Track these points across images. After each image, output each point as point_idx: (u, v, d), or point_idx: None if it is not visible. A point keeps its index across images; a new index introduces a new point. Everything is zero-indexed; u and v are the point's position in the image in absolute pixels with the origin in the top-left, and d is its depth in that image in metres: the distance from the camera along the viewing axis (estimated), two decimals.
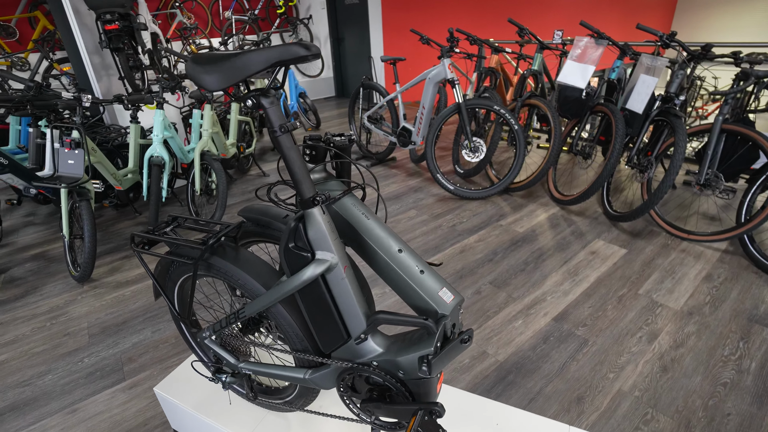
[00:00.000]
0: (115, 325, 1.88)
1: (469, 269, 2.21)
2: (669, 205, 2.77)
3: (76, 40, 2.77)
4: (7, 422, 1.46)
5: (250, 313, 0.90)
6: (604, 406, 1.43)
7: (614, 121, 2.48)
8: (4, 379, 1.63)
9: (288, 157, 0.74)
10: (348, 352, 0.88)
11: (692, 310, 1.86)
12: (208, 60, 0.67)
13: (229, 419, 1.18)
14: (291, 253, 0.81)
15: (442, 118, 2.98)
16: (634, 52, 2.61)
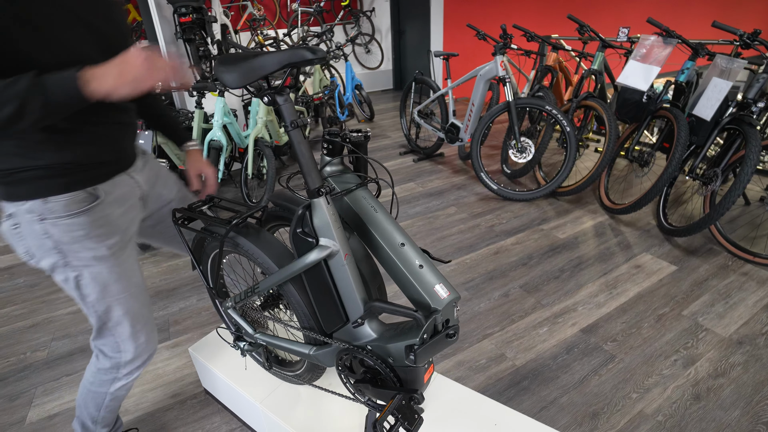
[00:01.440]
0: (167, 291, 2.10)
1: (501, 271, 2.18)
2: (736, 223, 2.52)
3: (156, 30, 3.06)
4: (75, 361, 1.71)
5: (264, 288, 0.99)
6: (621, 426, 1.38)
7: (676, 128, 2.30)
8: (77, 325, 1.90)
9: (297, 150, 0.80)
10: (346, 334, 0.95)
11: (743, 340, 1.70)
12: (230, 61, 0.75)
13: (247, 384, 1.30)
14: (298, 237, 0.88)
15: (490, 117, 2.93)
16: (709, 53, 2.39)
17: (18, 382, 1.61)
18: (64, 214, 0.85)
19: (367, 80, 6.46)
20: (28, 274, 2.28)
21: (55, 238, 0.86)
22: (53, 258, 0.88)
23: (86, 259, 0.90)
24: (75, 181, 0.85)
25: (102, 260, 0.91)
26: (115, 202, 0.93)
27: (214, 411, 1.47)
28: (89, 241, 0.89)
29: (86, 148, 0.86)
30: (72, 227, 0.86)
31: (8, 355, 1.74)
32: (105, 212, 0.90)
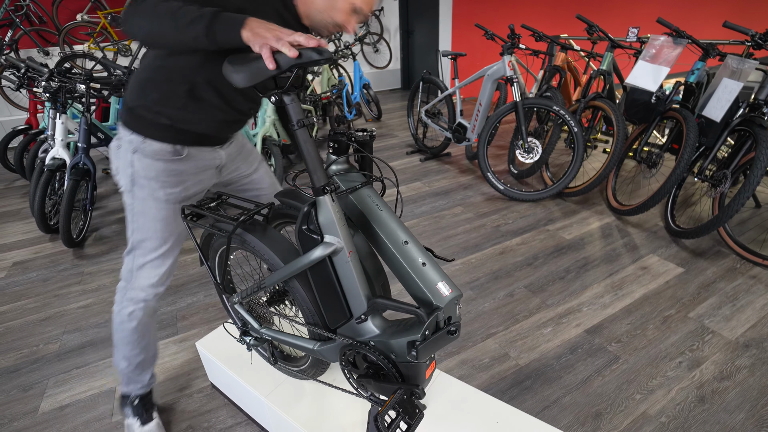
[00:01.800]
0: (175, 286, 2.14)
1: (506, 271, 2.19)
2: (746, 225, 2.50)
3: None
4: (85, 354, 1.75)
5: (269, 284, 1.01)
6: (623, 427, 1.38)
7: (685, 129, 2.28)
8: (88, 319, 1.94)
9: (303, 148, 0.82)
10: (350, 330, 0.96)
11: (750, 343, 1.69)
12: (238, 61, 0.76)
13: (253, 379, 1.32)
14: (303, 234, 0.90)
15: (497, 116, 2.93)
16: (720, 53, 2.37)
17: (31, 373, 1.65)
18: (150, 155, 1.03)
19: (375, 79, 6.48)
20: (40, 268, 2.33)
21: (134, 169, 1.05)
22: (127, 182, 1.07)
23: (145, 195, 1.07)
24: (171, 137, 1.03)
25: (157, 201, 1.08)
26: (192, 164, 1.10)
27: (220, 405, 1.50)
28: (155, 183, 1.06)
29: (200, 122, 1.04)
30: (150, 167, 1.04)
31: (21, 347, 1.78)
32: (180, 168, 1.08)
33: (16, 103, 4.47)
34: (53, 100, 2.37)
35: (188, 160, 1.08)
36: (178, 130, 1.04)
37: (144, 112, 1.02)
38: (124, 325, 1.22)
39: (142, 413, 1.35)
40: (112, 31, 4.89)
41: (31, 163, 3.01)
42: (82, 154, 2.35)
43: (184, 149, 1.06)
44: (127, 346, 1.25)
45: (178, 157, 1.06)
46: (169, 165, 1.06)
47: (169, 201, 1.09)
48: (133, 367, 1.29)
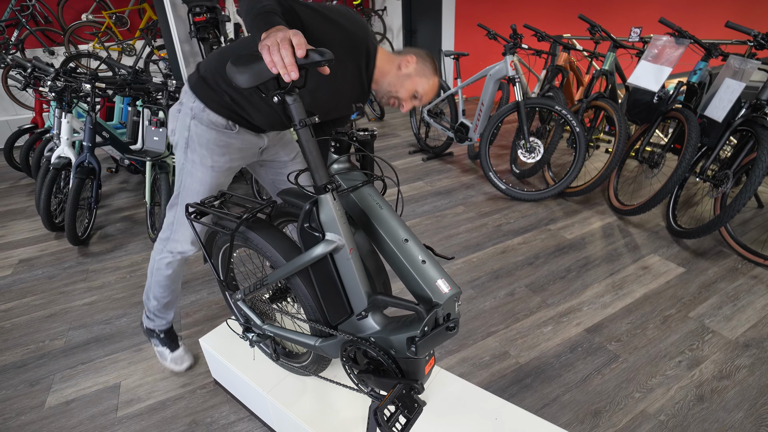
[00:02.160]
0: None
1: (507, 270, 2.20)
2: (748, 226, 2.50)
3: (171, 29, 3.13)
4: (91, 350, 1.77)
5: (272, 281, 1.03)
6: (622, 425, 1.39)
7: (687, 129, 2.28)
8: (93, 316, 1.96)
9: (305, 148, 0.84)
10: (351, 326, 0.98)
11: (750, 343, 1.70)
12: (242, 62, 0.78)
13: (256, 375, 1.34)
14: (305, 232, 0.92)
15: (499, 116, 2.94)
16: (722, 53, 2.37)
17: (37, 368, 1.68)
18: (206, 124, 1.15)
19: None
20: (46, 265, 2.36)
21: (190, 133, 1.17)
22: (183, 143, 1.20)
23: (196, 159, 1.20)
24: (228, 114, 1.15)
25: (204, 166, 1.21)
26: (240, 140, 1.22)
27: (223, 401, 1.52)
28: (205, 150, 1.19)
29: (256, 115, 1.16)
30: (203, 134, 1.16)
31: (28, 343, 1.81)
32: (228, 141, 1.20)
33: (22, 102, 4.52)
34: (59, 99, 2.39)
35: (237, 136, 1.20)
36: (235, 112, 1.15)
37: (214, 85, 1.13)
38: (161, 272, 1.38)
39: (169, 343, 1.59)
40: (117, 30, 4.92)
41: (36, 161, 3.04)
42: (87, 153, 2.38)
43: (236, 126, 1.18)
44: (160, 289, 1.43)
45: (230, 131, 1.18)
46: (220, 136, 1.18)
47: (215, 168, 1.22)
48: (161, 306, 1.49)
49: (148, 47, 4.82)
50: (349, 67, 1.10)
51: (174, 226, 1.32)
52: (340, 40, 1.03)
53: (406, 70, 1.15)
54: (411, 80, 1.16)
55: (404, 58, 1.15)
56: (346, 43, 1.06)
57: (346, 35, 1.05)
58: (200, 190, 1.25)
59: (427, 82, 1.17)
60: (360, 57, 1.11)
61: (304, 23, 0.98)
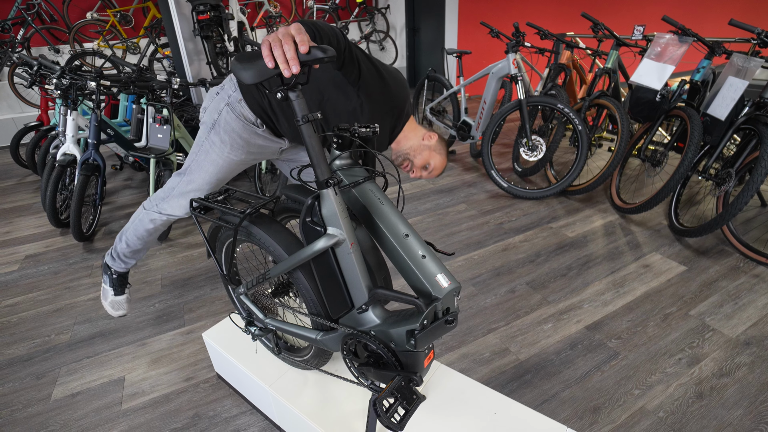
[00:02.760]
0: (182, 280, 2.18)
1: (508, 268, 2.20)
2: (750, 224, 2.49)
3: (175, 27, 3.15)
4: (96, 344, 1.79)
5: (274, 275, 1.04)
6: (621, 421, 1.40)
7: (690, 127, 2.28)
8: (97, 311, 1.99)
9: (308, 143, 0.85)
10: (351, 319, 0.99)
11: (750, 341, 1.70)
12: (246, 59, 0.79)
13: (258, 369, 1.36)
14: (307, 226, 0.93)
15: (502, 115, 2.94)
16: (726, 51, 2.36)
17: (43, 362, 1.70)
18: (237, 114, 1.21)
19: None
20: (52, 261, 2.39)
21: (221, 117, 1.23)
22: (209, 123, 1.25)
23: (216, 141, 1.25)
24: (260, 113, 1.21)
25: (222, 150, 1.26)
26: (261, 140, 1.27)
27: (225, 394, 1.54)
28: (227, 136, 1.24)
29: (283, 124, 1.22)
30: (231, 123, 1.22)
31: (34, 337, 1.83)
32: (250, 136, 1.25)
33: (28, 100, 4.55)
34: (64, 97, 2.42)
35: (261, 134, 1.25)
36: (266, 114, 1.21)
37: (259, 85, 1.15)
38: (143, 224, 1.46)
39: (117, 286, 1.66)
40: (121, 29, 4.95)
41: (42, 158, 3.07)
42: (92, 150, 2.40)
43: (263, 126, 1.24)
44: (134, 237, 1.50)
45: (256, 128, 1.23)
46: (245, 129, 1.23)
47: (231, 156, 1.27)
48: (129, 251, 1.56)
49: (152, 45, 4.85)
50: (384, 123, 1.22)
51: (173, 191, 1.37)
52: (385, 99, 1.16)
53: (428, 143, 1.29)
54: (429, 152, 1.29)
55: (428, 133, 1.31)
56: (389, 104, 1.18)
57: (390, 96, 1.17)
58: (210, 170, 1.29)
59: (441, 158, 1.31)
60: (395, 118, 1.24)
61: (362, 72, 1.07)
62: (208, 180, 1.31)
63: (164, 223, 1.45)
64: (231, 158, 1.27)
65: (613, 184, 2.79)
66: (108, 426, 1.43)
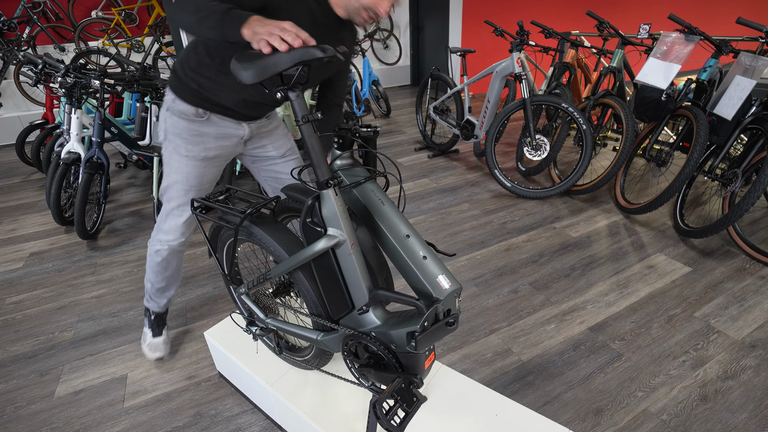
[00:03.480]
0: (185, 278, 2.19)
1: (511, 268, 2.19)
2: (757, 225, 2.46)
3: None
4: (98, 342, 1.80)
5: (275, 275, 1.04)
6: (624, 423, 1.38)
7: (696, 127, 2.26)
8: (100, 309, 2.00)
9: (308, 143, 0.84)
10: (352, 320, 0.99)
11: (756, 343, 1.68)
12: (246, 58, 0.79)
13: (259, 369, 1.36)
14: (308, 227, 0.93)
15: (505, 114, 2.93)
16: (733, 50, 2.33)
17: (47, 359, 1.71)
18: (177, 114, 1.20)
19: (384, 76, 6.48)
20: (56, 259, 2.40)
21: (167, 125, 1.23)
22: (162, 137, 1.26)
23: (171, 149, 1.25)
24: (195, 101, 1.18)
25: (179, 155, 1.25)
26: (214, 129, 1.24)
27: (227, 393, 1.54)
28: (178, 139, 1.23)
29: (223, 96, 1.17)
30: (176, 124, 1.22)
31: (38, 334, 1.85)
32: (200, 130, 1.23)
33: (33, 98, 4.58)
34: (69, 95, 2.43)
35: (210, 124, 1.23)
36: (203, 97, 1.18)
37: (181, 75, 1.18)
38: (153, 258, 1.46)
39: (155, 327, 1.65)
40: (126, 27, 4.97)
41: (47, 156, 3.09)
42: (96, 149, 2.41)
43: (207, 113, 1.21)
44: (153, 273, 1.51)
45: (200, 119, 1.21)
46: (191, 125, 1.21)
47: (189, 157, 1.25)
48: (155, 290, 1.56)
49: (157, 44, 4.86)
50: (295, 7, 1.05)
51: (163, 216, 1.38)
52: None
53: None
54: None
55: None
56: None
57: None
58: (178, 179, 1.28)
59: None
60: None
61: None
62: (182, 191, 1.31)
63: (172, 252, 1.44)
64: (192, 159, 1.26)
65: (617, 183, 2.77)
66: (110, 424, 1.44)
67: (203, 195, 1.36)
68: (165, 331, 1.68)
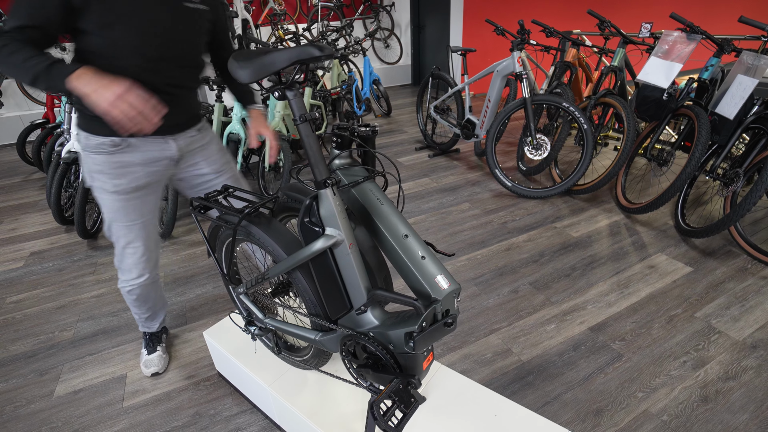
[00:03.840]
0: (185, 278, 2.19)
1: (511, 268, 2.19)
2: (759, 225, 2.45)
3: None
4: (98, 342, 1.80)
5: (272, 275, 1.04)
6: (624, 424, 1.38)
7: (697, 126, 2.25)
8: (100, 308, 2.00)
9: (306, 143, 0.84)
10: (350, 321, 0.98)
11: (757, 344, 1.67)
12: (243, 57, 0.79)
13: (258, 368, 1.35)
14: (305, 227, 0.92)
15: (506, 113, 2.92)
16: (735, 49, 2.32)
17: (47, 358, 1.72)
18: (92, 150, 1.13)
19: (385, 75, 6.47)
20: (56, 258, 2.40)
21: (87, 163, 1.16)
22: (87, 177, 1.19)
23: (98, 187, 1.18)
24: (105, 130, 1.10)
25: (107, 192, 1.18)
26: (138, 155, 1.16)
27: (226, 393, 1.54)
28: (102, 176, 1.16)
29: None
30: (95, 161, 1.14)
31: (38, 333, 1.85)
32: (123, 159, 1.14)
33: (34, 97, 4.59)
34: (69, 94, 2.43)
35: (132, 150, 1.14)
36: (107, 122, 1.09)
37: (83, 107, 1.09)
38: (127, 297, 1.46)
39: (149, 345, 1.65)
40: None
41: (48, 156, 3.09)
42: None
43: (124, 141, 1.12)
44: (134, 308, 1.52)
45: (117, 148, 1.12)
46: (111, 157, 1.13)
47: (119, 192, 1.18)
48: (143, 319, 1.58)
49: None
50: None
51: (117, 256, 1.34)
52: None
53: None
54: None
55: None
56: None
57: None
58: (116, 217, 1.23)
59: None
60: None
61: None
62: (124, 228, 1.25)
63: (144, 288, 1.42)
64: (122, 193, 1.18)
65: (618, 183, 2.76)
66: (109, 423, 1.44)
67: (151, 225, 1.30)
68: (160, 345, 1.67)
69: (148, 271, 1.39)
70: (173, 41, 1.08)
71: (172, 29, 1.06)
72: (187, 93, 1.21)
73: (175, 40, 1.08)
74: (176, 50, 1.10)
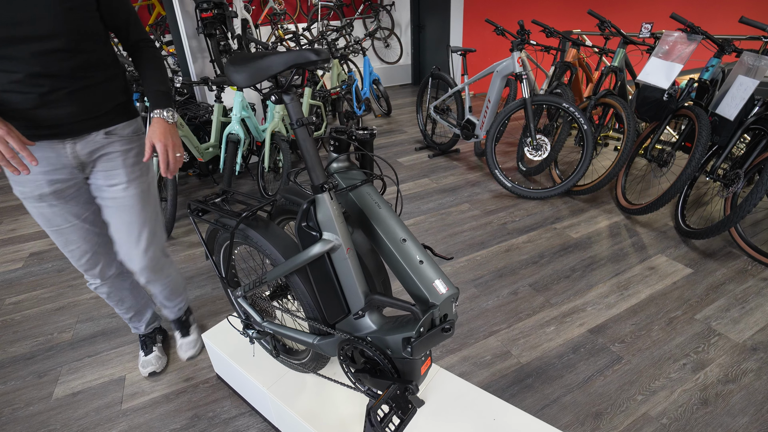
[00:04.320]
0: (184, 279, 2.18)
1: (511, 269, 2.18)
2: (760, 226, 2.45)
3: (179, 25, 3.14)
4: (97, 343, 1.80)
5: (270, 279, 1.03)
6: (623, 427, 1.37)
7: (698, 127, 2.24)
8: (99, 310, 2.00)
9: (302, 147, 0.84)
10: (348, 325, 0.98)
11: (757, 346, 1.67)
12: (239, 61, 0.78)
13: (256, 371, 1.35)
14: (303, 231, 0.92)
15: (506, 113, 2.91)
16: (736, 49, 2.31)
17: (45, 360, 1.71)
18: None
19: (385, 75, 6.46)
20: (55, 259, 2.40)
21: None
22: None
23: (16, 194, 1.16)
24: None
25: (22, 200, 1.16)
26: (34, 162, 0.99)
27: (224, 395, 1.54)
28: (12, 183, 1.14)
29: (11, 113, 1.01)
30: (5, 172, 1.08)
31: (37, 335, 1.85)
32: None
33: None
34: None
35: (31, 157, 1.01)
36: None
37: None
38: (100, 297, 1.47)
39: (144, 347, 1.66)
40: None
41: None
42: None
43: None
44: (114, 307, 1.54)
45: None
46: None
47: (27, 199, 1.15)
48: (127, 319, 1.60)
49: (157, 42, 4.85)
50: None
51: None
52: None
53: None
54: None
55: None
56: None
57: None
58: (42, 223, 1.21)
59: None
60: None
61: None
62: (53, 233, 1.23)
63: (110, 287, 1.44)
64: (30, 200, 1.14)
65: (618, 184, 2.76)
66: (108, 425, 1.44)
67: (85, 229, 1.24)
68: (156, 346, 1.67)
69: (97, 272, 1.37)
70: (13, 8, 0.88)
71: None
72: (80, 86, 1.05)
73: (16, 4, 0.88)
74: (26, 28, 0.91)
